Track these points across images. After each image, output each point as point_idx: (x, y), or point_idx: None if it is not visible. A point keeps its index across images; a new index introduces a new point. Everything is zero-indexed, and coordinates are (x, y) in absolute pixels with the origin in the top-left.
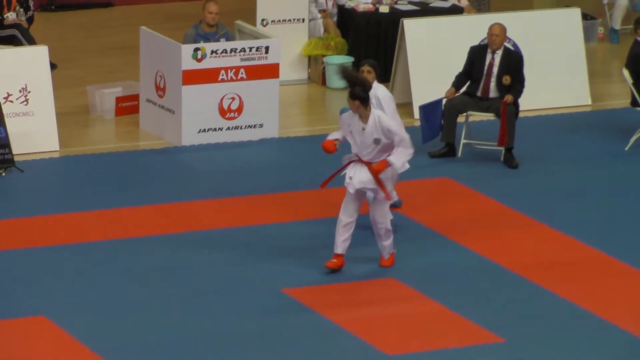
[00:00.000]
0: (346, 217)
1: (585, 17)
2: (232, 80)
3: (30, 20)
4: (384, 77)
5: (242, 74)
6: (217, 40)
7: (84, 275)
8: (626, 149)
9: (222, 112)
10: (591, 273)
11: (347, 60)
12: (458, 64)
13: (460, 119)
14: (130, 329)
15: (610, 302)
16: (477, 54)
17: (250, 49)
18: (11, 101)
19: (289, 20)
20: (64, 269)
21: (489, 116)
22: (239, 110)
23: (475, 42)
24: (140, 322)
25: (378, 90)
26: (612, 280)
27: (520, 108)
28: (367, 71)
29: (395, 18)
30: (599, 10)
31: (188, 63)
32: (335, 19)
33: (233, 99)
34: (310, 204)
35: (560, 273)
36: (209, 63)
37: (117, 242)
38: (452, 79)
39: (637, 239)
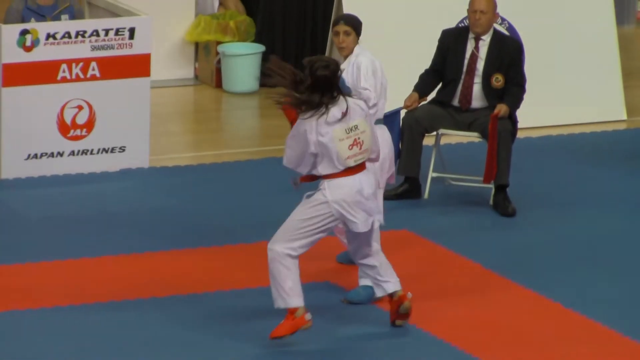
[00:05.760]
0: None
1: None
2: (78, 79)
3: None
4: None
5: (93, 69)
6: (57, 17)
7: None
8: None
9: (64, 128)
10: None
11: (255, 49)
12: (424, 54)
13: (428, 140)
14: None
15: None
16: (452, 42)
17: (107, 32)
18: None
19: None
20: None
21: (471, 136)
22: (89, 125)
23: (450, 23)
24: None
25: (360, 58)
26: None
27: (519, 125)
28: (343, 32)
29: None
30: None
31: (11, 53)
32: None
33: (80, 108)
34: (195, 270)
35: None
36: (43, 53)
37: None
38: (415, 78)
39: None
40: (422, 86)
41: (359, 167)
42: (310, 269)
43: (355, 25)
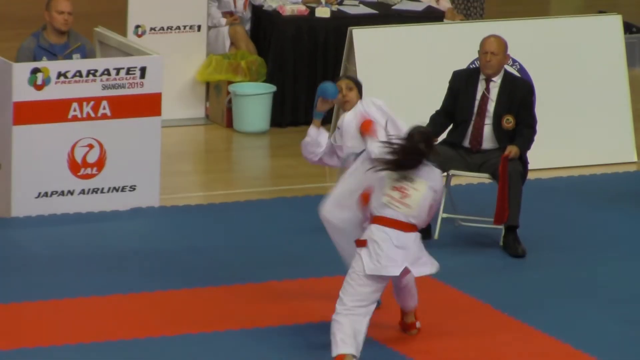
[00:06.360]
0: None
1: (629, 28)
2: (89, 118)
3: None
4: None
5: (104, 109)
6: (69, 56)
7: None
8: None
9: (74, 166)
10: None
11: (266, 89)
12: (434, 96)
13: None
14: None
15: None
16: (463, 83)
17: (118, 71)
18: None
19: (177, 28)
20: None
21: (481, 177)
22: (100, 164)
23: (461, 65)
24: None
25: (367, 107)
26: None
27: (530, 166)
28: (346, 86)
29: (339, 25)
30: None
31: (23, 91)
32: (248, 26)
33: (91, 147)
34: (205, 309)
35: None
36: (54, 92)
37: None
38: (425, 119)
39: None
40: (433, 127)
41: (398, 224)
42: (322, 310)
43: (356, 82)
